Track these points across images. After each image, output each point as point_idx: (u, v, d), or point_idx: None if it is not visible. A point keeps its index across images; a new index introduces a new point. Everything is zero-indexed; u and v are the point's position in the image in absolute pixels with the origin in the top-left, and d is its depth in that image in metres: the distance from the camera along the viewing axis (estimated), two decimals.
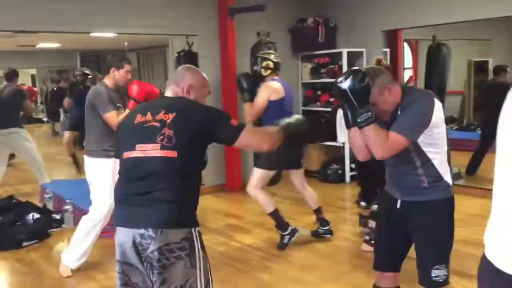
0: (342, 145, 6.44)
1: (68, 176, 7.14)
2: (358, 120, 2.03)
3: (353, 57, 6.42)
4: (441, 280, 2.19)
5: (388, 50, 6.42)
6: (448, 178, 2.21)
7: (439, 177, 2.19)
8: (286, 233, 4.20)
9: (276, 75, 4.21)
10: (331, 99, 6.60)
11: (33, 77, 15.55)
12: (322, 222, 4.37)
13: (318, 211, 4.38)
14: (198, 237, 1.99)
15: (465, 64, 9.83)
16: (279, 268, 3.82)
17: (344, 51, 6.30)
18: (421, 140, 2.13)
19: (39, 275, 3.89)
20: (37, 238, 4.50)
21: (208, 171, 6.23)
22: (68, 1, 5.03)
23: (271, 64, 4.13)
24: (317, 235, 4.36)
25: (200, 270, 1.96)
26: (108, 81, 3.70)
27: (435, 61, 7.13)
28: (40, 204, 5.14)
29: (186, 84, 2.17)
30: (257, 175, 4.18)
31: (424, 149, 2.16)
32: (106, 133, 3.56)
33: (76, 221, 4.39)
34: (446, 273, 2.20)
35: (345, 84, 1.99)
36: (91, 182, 3.71)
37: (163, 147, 1.94)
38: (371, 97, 2.06)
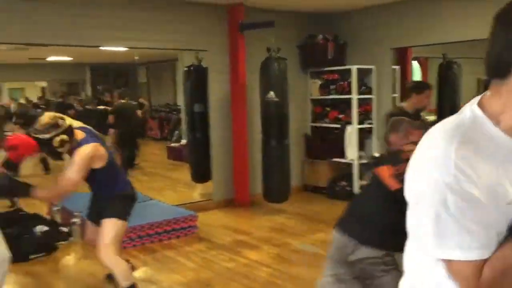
0: (351, 161, 6.42)
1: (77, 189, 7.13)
2: None
3: (362, 74, 6.42)
4: None
5: (398, 67, 6.42)
6: None
7: None
8: None
9: None
10: (340, 116, 6.60)
11: (43, 90, 15.67)
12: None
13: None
14: None
15: (475, 82, 9.80)
16: (287, 286, 3.78)
17: (354, 68, 6.30)
18: None
19: None
20: (44, 251, 4.49)
21: (216, 186, 6.23)
22: (79, 14, 5.07)
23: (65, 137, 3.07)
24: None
25: None
26: None
27: (446, 80, 7.12)
28: (47, 217, 5.13)
29: None
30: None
31: None
32: None
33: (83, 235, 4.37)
34: None
35: None
36: None
37: None
38: None
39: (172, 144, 10.38)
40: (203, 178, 6.31)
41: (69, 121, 3.09)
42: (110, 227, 3.22)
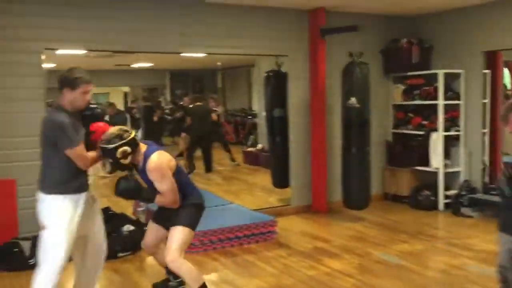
0: (435, 170, 6.13)
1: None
2: None
3: (449, 79, 6.13)
4: None
5: (489, 71, 6.07)
6: None
7: None
8: None
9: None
10: (424, 122, 6.33)
11: (125, 94, 16.41)
12: (175, 275, 3.61)
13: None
14: None
15: None
16: None
17: (441, 72, 6.03)
18: None
19: (133, 287, 4.00)
20: (131, 249, 4.67)
21: (294, 191, 6.19)
22: (157, 21, 5.24)
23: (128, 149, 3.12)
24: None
25: None
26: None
27: None
28: (133, 217, 5.33)
29: None
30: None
31: None
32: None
33: None
34: None
35: None
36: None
37: None
38: None
39: (249, 149, 10.47)
40: (284, 184, 6.29)
41: (133, 134, 3.17)
42: (181, 234, 3.28)
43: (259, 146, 9.99)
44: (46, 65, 4.82)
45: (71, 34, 4.86)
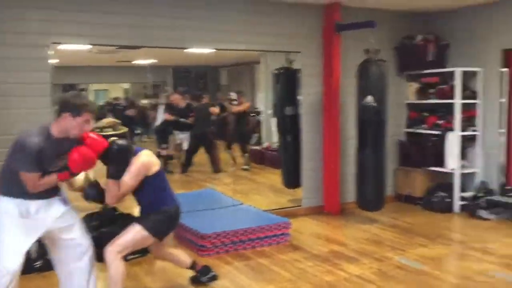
0: (451, 171, 5.97)
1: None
2: None
3: (466, 77, 5.95)
4: None
5: (507, 70, 5.90)
6: None
7: None
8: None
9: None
10: (439, 121, 6.16)
11: (126, 91, 16.18)
12: (204, 271, 3.79)
13: (193, 266, 3.74)
14: None
15: None
16: None
17: (458, 71, 5.85)
18: None
19: None
20: (140, 252, 4.48)
21: (305, 192, 6.01)
22: (165, 15, 5.04)
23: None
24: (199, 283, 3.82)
25: None
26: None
27: None
28: None
29: None
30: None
31: None
32: None
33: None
34: None
35: None
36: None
37: None
38: None
39: (254, 147, 10.26)
40: (295, 184, 6.11)
41: (125, 129, 3.33)
42: (136, 234, 3.27)
43: (265, 144, 9.79)
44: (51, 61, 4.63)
45: (79, 28, 4.66)
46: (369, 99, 5.25)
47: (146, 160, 3.26)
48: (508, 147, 5.98)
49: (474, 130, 6.00)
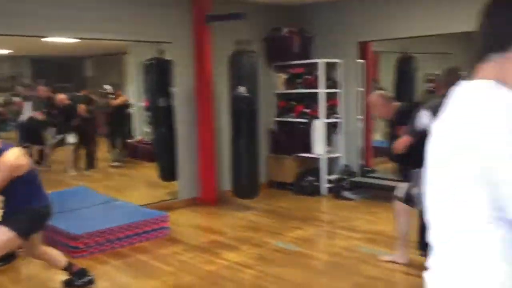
0: (318, 156, 6.37)
1: None
2: None
3: (329, 68, 6.37)
4: None
5: (364, 61, 6.43)
6: None
7: None
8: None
9: None
10: (306, 110, 6.52)
11: None
12: (80, 274, 3.60)
13: (68, 267, 3.56)
14: None
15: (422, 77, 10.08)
16: None
17: (321, 62, 6.24)
18: None
19: None
20: (4, 259, 4.08)
21: (181, 183, 5.98)
22: (21, 1, 4.65)
23: None
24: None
25: None
26: None
27: (404, 74, 7.28)
28: None
29: None
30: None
31: None
32: None
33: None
34: None
35: None
36: None
37: None
38: None
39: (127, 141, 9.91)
40: (171, 176, 6.03)
41: None
42: (1, 235, 3.13)
43: (138, 138, 9.53)
44: None
45: None
46: (241, 89, 5.38)
47: (13, 159, 3.08)
48: (366, 133, 6.55)
49: (337, 118, 6.47)
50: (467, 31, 4.94)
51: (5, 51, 10.64)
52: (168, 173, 6.07)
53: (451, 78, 3.27)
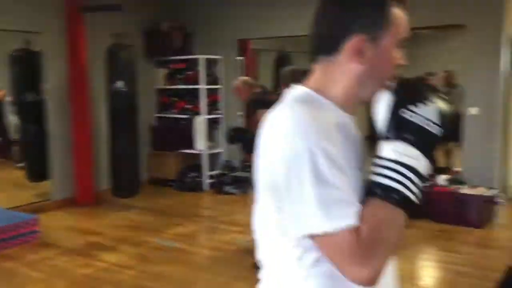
0: (200, 152, 6.37)
1: None
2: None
3: (210, 64, 6.40)
4: None
5: (243, 58, 6.56)
6: None
7: None
8: None
9: None
10: (188, 106, 6.49)
11: None
12: None
13: None
14: None
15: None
16: (156, 287, 3.57)
17: (201, 58, 6.24)
18: None
19: None
20: None
21: (55, 184, 5.61)
22: None
23: None
24: None
25: None
26: None
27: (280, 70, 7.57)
28: None
29: None
30: None
31: None
32: None
33: None
34: None
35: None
36: None
37: None
38: None
39: None
40: (41, 176, 5.62)
41: None
42: None
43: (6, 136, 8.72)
44: None
45: None
46: (119, 84, 5.18)
47: None
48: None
49: (218, 113, 6.52)
50: None
51: None
52: (37, 173, 5.66)
53: (290, 78, 3.34)
